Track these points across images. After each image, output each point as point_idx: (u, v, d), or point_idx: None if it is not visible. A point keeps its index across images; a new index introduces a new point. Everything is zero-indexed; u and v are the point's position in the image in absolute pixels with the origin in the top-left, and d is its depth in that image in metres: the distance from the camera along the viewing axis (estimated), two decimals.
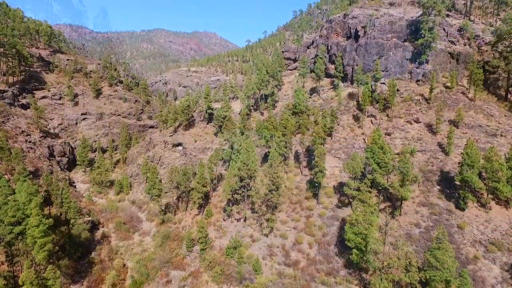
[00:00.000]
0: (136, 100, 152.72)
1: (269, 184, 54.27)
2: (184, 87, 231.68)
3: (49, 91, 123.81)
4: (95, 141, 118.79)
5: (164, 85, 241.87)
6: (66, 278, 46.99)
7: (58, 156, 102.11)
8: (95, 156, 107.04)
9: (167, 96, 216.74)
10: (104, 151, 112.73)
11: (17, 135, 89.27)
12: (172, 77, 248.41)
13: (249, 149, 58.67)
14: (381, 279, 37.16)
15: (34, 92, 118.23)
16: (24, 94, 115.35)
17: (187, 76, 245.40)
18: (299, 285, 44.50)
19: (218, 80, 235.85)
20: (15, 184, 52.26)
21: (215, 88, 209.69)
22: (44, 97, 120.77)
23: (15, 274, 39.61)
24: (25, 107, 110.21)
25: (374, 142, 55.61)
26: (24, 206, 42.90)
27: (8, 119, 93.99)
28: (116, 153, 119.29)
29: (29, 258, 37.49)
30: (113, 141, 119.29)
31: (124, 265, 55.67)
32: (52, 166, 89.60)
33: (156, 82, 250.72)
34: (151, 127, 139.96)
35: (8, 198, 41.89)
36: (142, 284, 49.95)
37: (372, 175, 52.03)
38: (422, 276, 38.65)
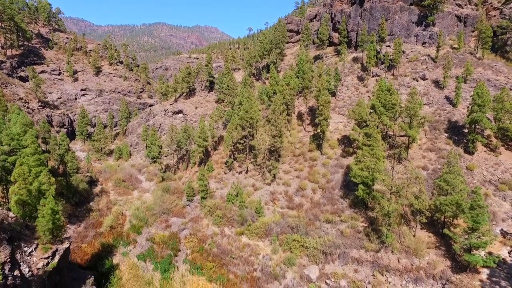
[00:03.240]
0: (136, 79, 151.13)
1: (272, 130, 52.67)
2: None
3: (48, 66, 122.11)
4: (94, 117, 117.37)
5: (165, 71, 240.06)
6: (63, 217, 45.51)
7: (57, 127, 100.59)
8: (94, 131, 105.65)
9: (168, 81, 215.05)
10: (104, 126, 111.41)
11: (15, 100, 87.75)
12: (173, 63, 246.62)
13: (251, 98, 57.07)
14: (390, 203, 35.60)
15: (33, 66, 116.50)
16: (22, 67, 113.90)
17: (188, 62, 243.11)
18: (303, 223, 43.02)
19: (219, 66, 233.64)
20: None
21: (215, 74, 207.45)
22: (43, 71, 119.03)
23: (9, 201, 38.16)
24: (23, 79, 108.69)
25: (380, 89, 54.05)
26: (19, 137, 41.52)
27: (6, 86, 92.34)
28: (115, 128, 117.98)
29: (22, 157, 35.98)
30: (112, 117, 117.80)
31: (123, 213, 54.32)
32: (50, 132, 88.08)
33: (156, 69, 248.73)
34: (151, 105, 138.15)
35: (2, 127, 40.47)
36: (141, 228, 48.54)
37: (379, 118, 50.43)
38: (431, 204, 37.15)
